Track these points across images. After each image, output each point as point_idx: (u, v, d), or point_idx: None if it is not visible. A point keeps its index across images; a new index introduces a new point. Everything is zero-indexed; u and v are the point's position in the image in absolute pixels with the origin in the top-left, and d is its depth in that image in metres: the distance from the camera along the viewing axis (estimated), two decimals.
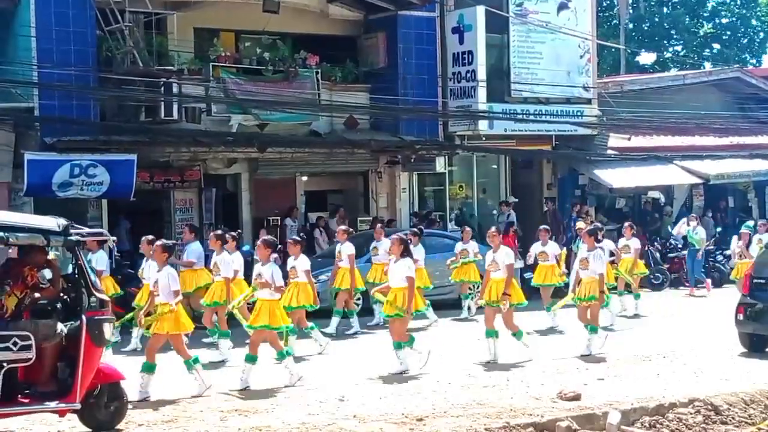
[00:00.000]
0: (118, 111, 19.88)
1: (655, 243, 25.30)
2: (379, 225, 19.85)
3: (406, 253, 13.61)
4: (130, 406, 10.64)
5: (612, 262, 18.58)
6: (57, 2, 18.86)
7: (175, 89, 19.77)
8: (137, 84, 19.29)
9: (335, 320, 17.21)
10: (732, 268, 21.59)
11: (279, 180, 22.93)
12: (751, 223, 23.01)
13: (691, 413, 11.20)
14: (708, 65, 41.42)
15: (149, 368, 11.97)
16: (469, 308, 19.13)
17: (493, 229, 15.38)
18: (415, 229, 18.85)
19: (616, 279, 18.79)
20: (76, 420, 10.18)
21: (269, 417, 10.82)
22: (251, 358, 12.54)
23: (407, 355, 13.60)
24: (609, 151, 26.11)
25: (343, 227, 18.09)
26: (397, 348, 13.57)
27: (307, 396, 11.92)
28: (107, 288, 14.66)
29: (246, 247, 19.94)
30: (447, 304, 19.93)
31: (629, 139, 26.53)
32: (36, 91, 18.72)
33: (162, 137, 20.06)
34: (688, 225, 23.96)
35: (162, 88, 19.43)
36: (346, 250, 17.22)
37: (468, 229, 20.08)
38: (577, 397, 11.53)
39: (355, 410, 11.05)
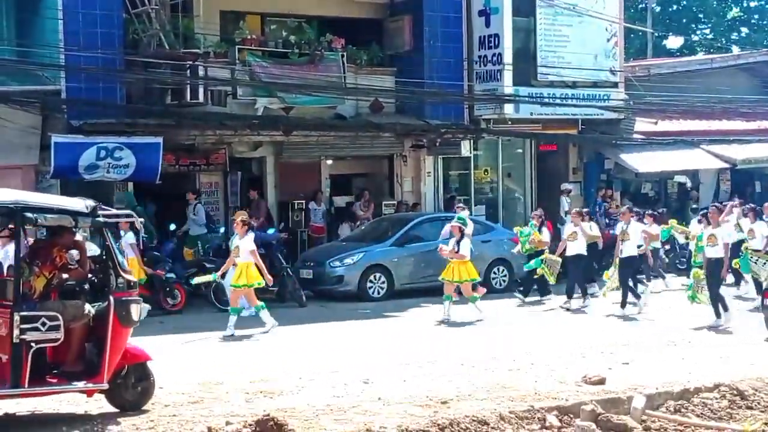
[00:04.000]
0: (145, 94, 19.93)
1: None
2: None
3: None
4: (158, 387, 10.70)
5: None
6: None
7: (201, 72, 19.77)
8: (163, 67, 19.30)
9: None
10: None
11: (304, 163, 22.95)
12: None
13: (716, 398, 11.16)
14: (736, 49, 41.02)
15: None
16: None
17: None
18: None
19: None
20: (103, 400, 10.23)
21: (295, 399, 10.86)
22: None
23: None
24: (635, 136, 25.97)
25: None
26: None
27: (333, 378, 11.96)
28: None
29: (271, 230, 20.08)
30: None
31: (656, 123, 26.40)
32: (63, 74, 18.77)
33: (188, 120, 20.09)
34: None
35: (188, 71, 19.41)
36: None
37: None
38: (601, 381, 11.52)
39: (380, 392, 11.08)
